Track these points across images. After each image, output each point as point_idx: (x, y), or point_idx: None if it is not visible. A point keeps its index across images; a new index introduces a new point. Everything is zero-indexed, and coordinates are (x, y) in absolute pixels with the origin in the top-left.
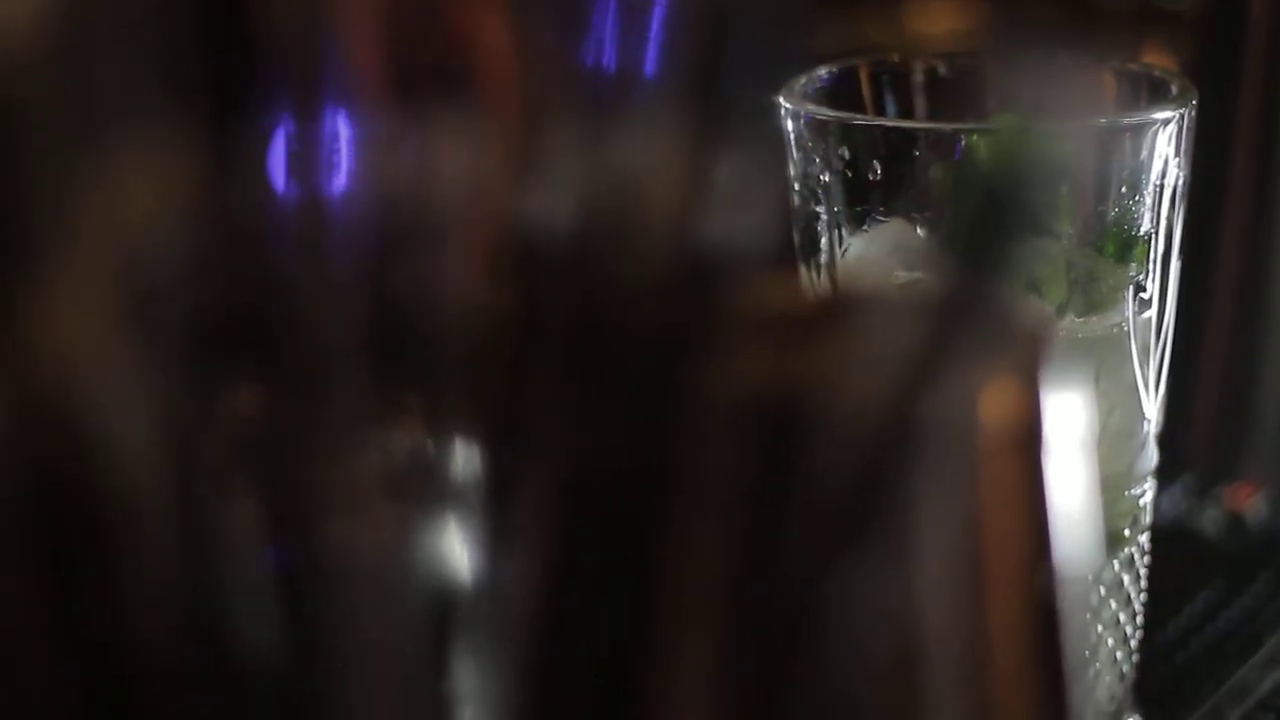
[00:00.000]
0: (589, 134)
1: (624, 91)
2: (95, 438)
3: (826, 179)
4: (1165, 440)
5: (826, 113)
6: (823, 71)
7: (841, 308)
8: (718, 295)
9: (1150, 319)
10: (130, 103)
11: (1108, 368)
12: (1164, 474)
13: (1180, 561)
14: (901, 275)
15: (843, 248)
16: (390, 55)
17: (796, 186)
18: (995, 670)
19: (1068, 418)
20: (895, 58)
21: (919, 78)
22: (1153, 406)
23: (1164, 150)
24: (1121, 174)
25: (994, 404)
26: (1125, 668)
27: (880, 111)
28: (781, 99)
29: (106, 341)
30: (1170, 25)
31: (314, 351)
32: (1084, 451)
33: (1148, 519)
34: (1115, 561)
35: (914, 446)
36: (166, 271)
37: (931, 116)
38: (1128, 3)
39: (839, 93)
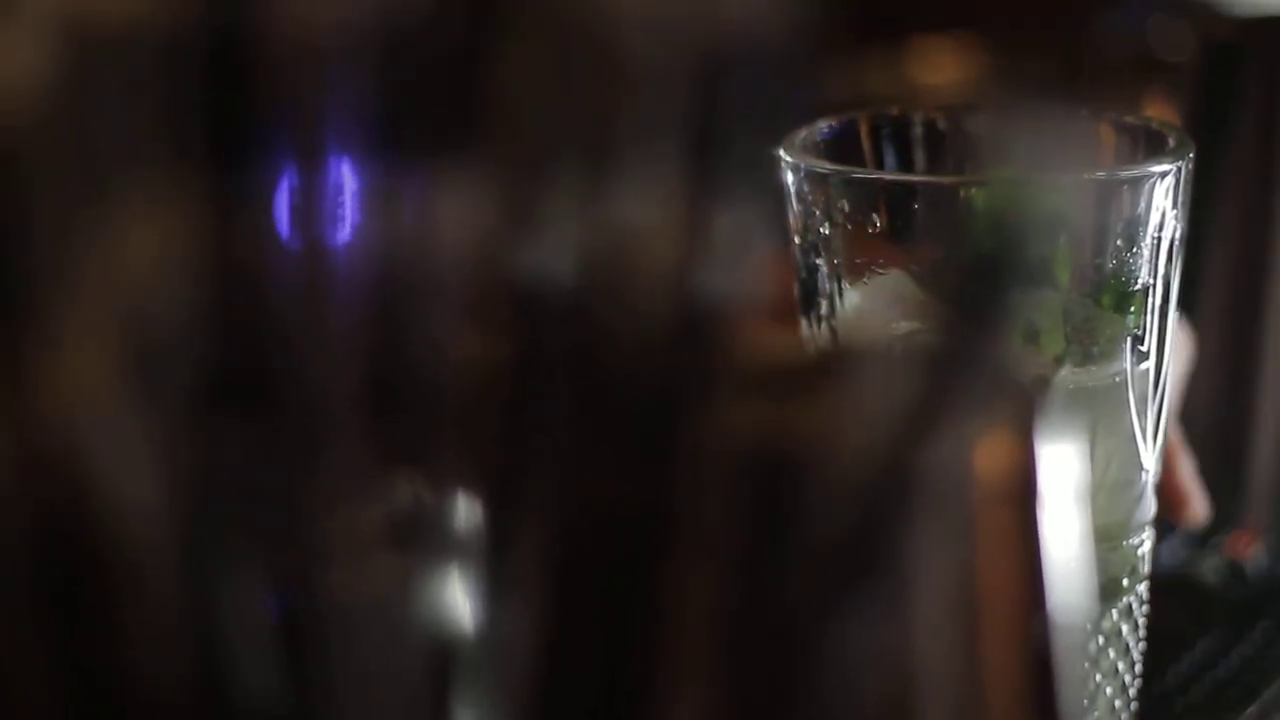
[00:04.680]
0: (588, 186)
1: (623, 143)
2: (98, 487)
3: (826, 231)
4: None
5: (826, 166)
6: (823, 125)
7: (838, 359)
8: (715, 347)
9: (1148, 369)
10: (133, 156)
11: (1105, 418)
12: (1163, 523)
13: (1179, 610)
14: (900, 327)
15: (842, 300)
16: (391, 109)
17: (796, 239)
18: (989, 719)
19: (1063, 469)
20: (895, 111)
21: (918, 131)
22: (1151, 456)
23: (1161, 203)
24: (1119, 226)
25: (989, 455)
26: (1124, 716)
27: (880, 164)
28: (782, 152)
29: (109, 392)
30: (1169, 76)
31: (315, 402)
32: (1079, 502)
33: (1146, 568)
34: (1114, 610)
35: (910, 498)
36: (169, 324)
37: (931, 169)
38: (1126, 54)
39: (839, 146)
